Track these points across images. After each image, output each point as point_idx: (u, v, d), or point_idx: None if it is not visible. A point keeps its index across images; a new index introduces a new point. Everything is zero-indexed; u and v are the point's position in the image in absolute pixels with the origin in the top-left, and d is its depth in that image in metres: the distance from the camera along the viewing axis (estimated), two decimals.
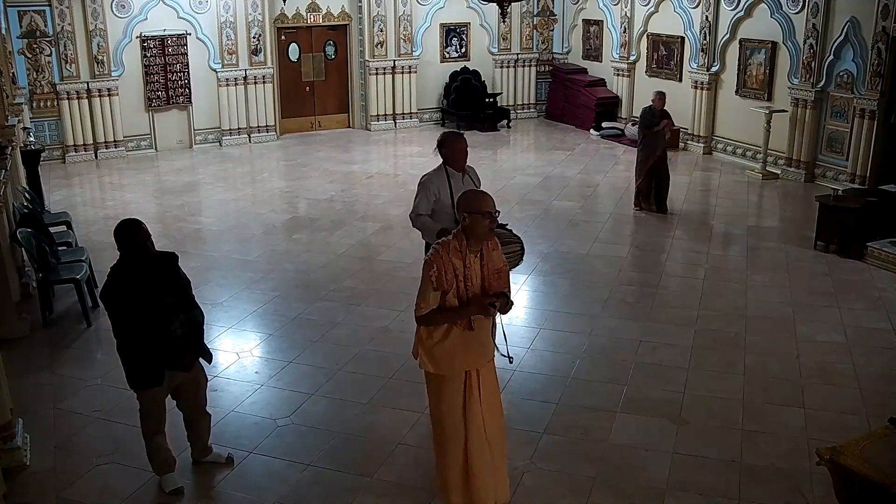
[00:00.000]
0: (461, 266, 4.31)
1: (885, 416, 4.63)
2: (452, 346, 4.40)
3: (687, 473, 5.19)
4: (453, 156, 5.83)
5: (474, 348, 4.47)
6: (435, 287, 4.28)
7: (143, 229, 4.71)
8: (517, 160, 14.69)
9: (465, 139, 5.94)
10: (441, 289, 4.29)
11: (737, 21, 13.33)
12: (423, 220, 5.83)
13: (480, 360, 4.51)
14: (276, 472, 5.23)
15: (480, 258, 4.39)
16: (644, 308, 7.87)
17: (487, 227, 4.29)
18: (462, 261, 4.31)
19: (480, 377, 4.49)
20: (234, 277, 8.70)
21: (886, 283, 8.38)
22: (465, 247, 4.32)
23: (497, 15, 12.83)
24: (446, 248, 4.31)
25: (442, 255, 4.29)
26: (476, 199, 4.33)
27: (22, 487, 5.11)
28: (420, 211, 5.85)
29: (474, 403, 4.46)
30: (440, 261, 4.28)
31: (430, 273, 4.28)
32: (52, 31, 13.42)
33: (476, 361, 4.48)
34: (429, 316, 4.34)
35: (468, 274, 4.34)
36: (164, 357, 4.76)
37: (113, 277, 4.71)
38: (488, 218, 4.27)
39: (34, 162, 10.75)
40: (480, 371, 4.50)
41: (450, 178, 5.81)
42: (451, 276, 4.29)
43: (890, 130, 10.93)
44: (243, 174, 13.83)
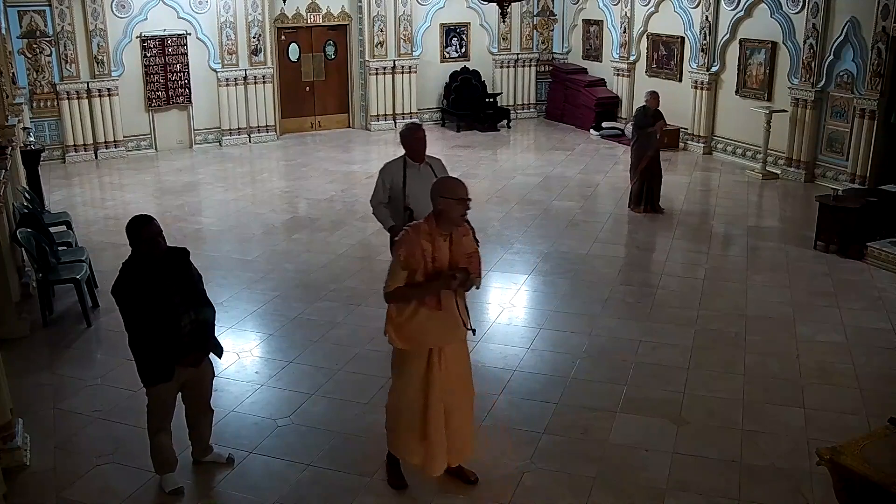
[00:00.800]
0: (430, 248, 4.52)
1: (885, 416, 4.63)
2: (420, 325, 4.59)
3: (687, 473, 5.19)
4: (411, 146, 6.24)
5: (441, 328, 4.65)
6: (403, 266, 4.51)
7: (153, 225, 4.73)
8: (517, 160, 14.69)
9: (424, 130, 6.31)
10: (409, 268, 4.51)
11: (737, 21, 13.34)
12: (380, 211, 6.33)
13: (446, 338, 4.70)
14: (276, 472, 5.23)
15: (450, 242, 4.59)
16: (644, 308, 7.87)
17: (460, 213, 4.51)
18: (431, 243, 4.53)
19: (444, 354, 4.68)
20: (234, 277, 8.70)
21: (886, 283, 8.38)
22: (434, 230, 4.54)
23: (497, 15, 12.83)
24: (416, 231, 4.55)
25: (412, 236, 4.53)
26: (453, 185, 4.57)
27: (22, 487, 5.11)
28: (379, 198, 6.36)
29: (434, 378, 4.66)
30: (409, 241, 4.52)
31: (399, 252, 4.52)
32: (52, 31, 13.42)
33: (441, 340, 4.68)
34: (396, 292, 4.56)
35: (436, 255, 4.54)
36: (173, 353, 4.77)
37: (124, 273, 4.72)
38: (462, 204, 4.50)
39: (34, 162, 10.75)
40: (444, 349, 4.68)
41: (406, 168, 6.22)
42: (418, 255, 4.50)
43: (890, 130, 10.94)
44: (243, 174, 13.83)
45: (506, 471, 5.22)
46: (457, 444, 4.89)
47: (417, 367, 4.68)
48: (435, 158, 6.40)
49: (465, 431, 4.94)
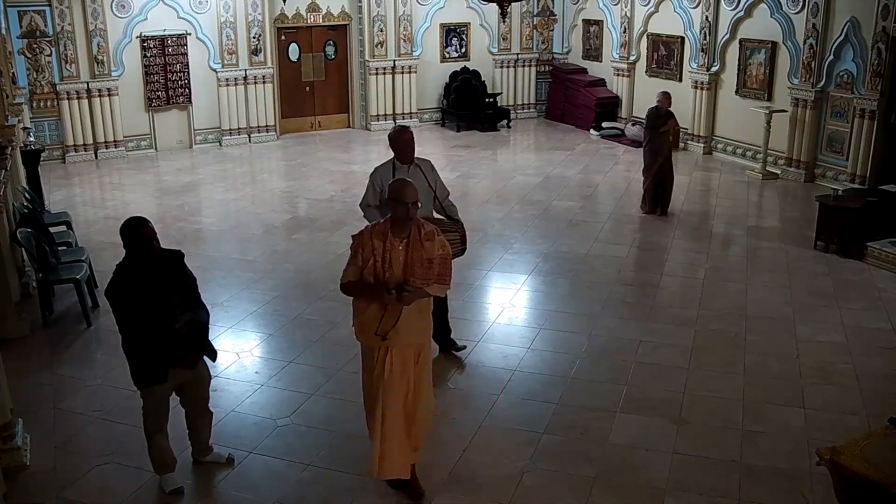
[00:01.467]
0: (380, 247, 4.59)
1: (885, 416, 4.63)
2: (367, 320, 4.68)
3: (687, 473, 5.19)
4: (399, 149, 6.23)
5: (382, 326, 4.62)
6: (353, 263, 4.65)
7: (148, 227, 4.72)
8: (517, 160, 14.70)
9: (411, 132, 6.30)
10: (358, 265, 4.62)
11: (737, 21, 13.33)
12: (371, 214, 6.24)
13: (393, 340, 4.67)
14: (276, 472, 5.23)
15: (407, 245, 4.61)
16: (644, 308, 7.87)
17: (406, 215, 4.57)
18: (382, 242, 4.60)
19: (393, 355, 4.69)
20: (234, 277, 8.70)
21: (886, 283, 8.38)
22: (387, 229, 4.63)
23: (497, 15, 12.83)
24: (371, 229, 4.69)
25: (364, 234, 4.66)
26: (397, 188, 4.63)
27: (22, 487, 5.11)
28: (368, 202, 6.35)
29: (388, 379, 4.69)
30: (361, 239, 4.65)
31: (352, 249, 4.68)
32: (52, 31, 13.42)
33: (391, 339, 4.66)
34: (347, 285, 4.71)
35: (388, 256, 4.59)
36: (167, 355, 4.77)
37: (118, 275, 4.72)
38: (403, 206, 4.56)
39: (34, 162, 10.75)
40: (393, 350, 4.69)
41: (395, 171, 6.17)
42: (367, 253, 4.60)
43: (890, 130, 10.93)
44: (243, 174, 13.83)
45: (506, 471, 5.22)
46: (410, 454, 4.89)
47: (368, 363, 4.81)
48: (424, 160, 6.40)
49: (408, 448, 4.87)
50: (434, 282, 4.68)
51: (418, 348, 4.83)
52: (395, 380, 4.70)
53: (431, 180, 6.33)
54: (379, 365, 4.70)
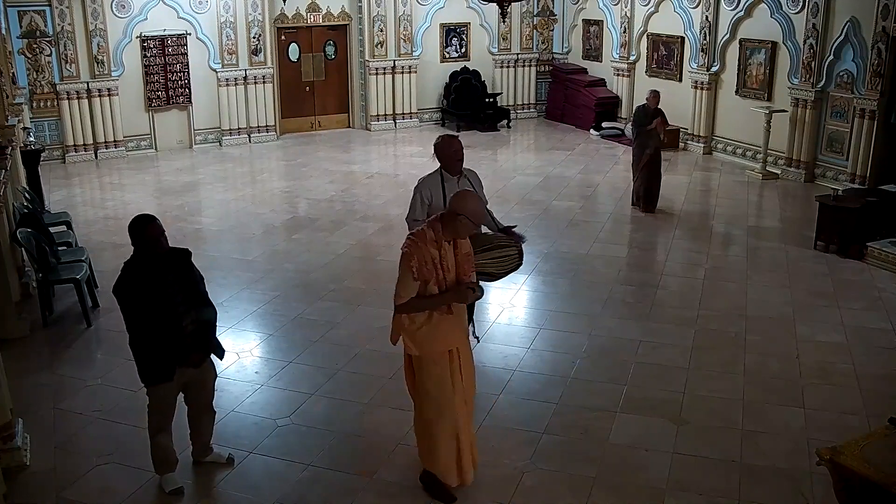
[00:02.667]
0: (437, 255, 4.50)
1: (885, 416, 4.63)
2: (435, 329, 4.59)
3: (687, 473, 5.19)
4: (447, 159, 5.84)
5: (454, 329, 4.67)
6: (415, 277, 4.45)
7: (156, 224, 4.75)
8: (517, 160, 14.70)
9: (460, 141, 5.89)
10: (421, 279, 4.46)
11: (737, 21, 13.33)
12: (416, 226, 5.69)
13: (461, 339, 4.73)
14: (276, 472, 5.23)
15: (453, 245, 4.60)
16: (644, 308, 7.87)
17: (469, 234, 4.57)
18: (438, 250, 4.50)
19: (461, 355, 4.70)
20: (234, 277, 8.70)
21: (886, 283, 8.38)
22: (440, 236, 4.51)
23: (497, 15, 12.84)
24: (423, 239, 4.48)
25: (420, 247, 4.46)
26: (476, 210, 4.50)
27: (22, 487, 5.11)
28: (416, 216, 5.86)
29: (458, 381, 4.68)
30: (419, 252, 4.45)
31: (411, 264, 4.44)
32: (52, 31, 13.42)
33: (457, 340, 4.71)
34: (409, 304, 4.52)
35: (444, 263, 4.52)
36: (174, 353, 4.78)
37: (126, 272, 4.73)
38: (475, 229, 4.58)
39: (34, 162, 10.75)
40: (461, 349, 4.70)
41: (444, 182, 5.83)
42: (430, 266, 4.47)
43: (890, 130, 10.93)
44: (243, 174, 13.82)
45: (506, 471, 5.22)
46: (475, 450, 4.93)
47: (441, 372, 4.63)
48: (470, 170, 6.07)
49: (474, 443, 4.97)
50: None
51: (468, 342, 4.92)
52: (469, 377, 4.76)
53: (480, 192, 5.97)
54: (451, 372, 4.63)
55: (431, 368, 4.65)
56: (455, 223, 4.46)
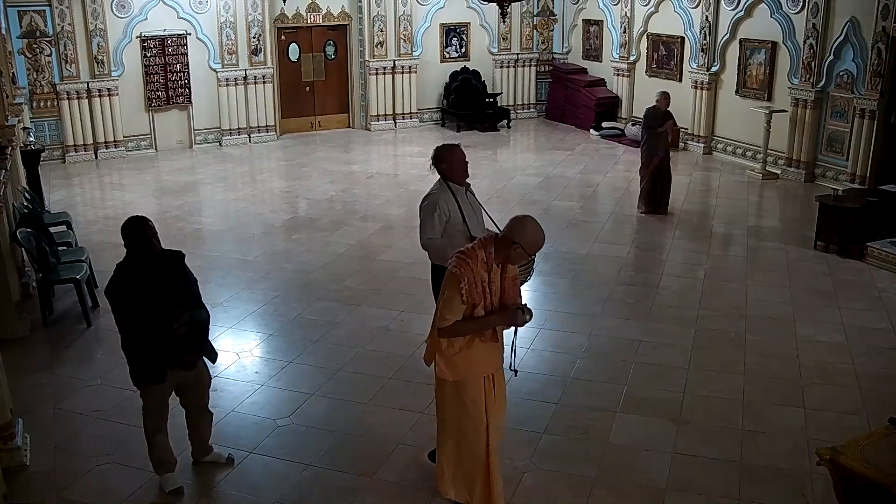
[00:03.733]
0: (486, 278, 4.30)
1: (885, 416, 4.63)
2: (475, 355, 4.42)
3: (687, 473, 5.19)
4: (454, 169, 5.48)
5: (493, 355, 4.54)
6: (464, 300, 4.24)
7: (149, 226, 4.74)
8: (517, 160, 14.70)
9: (462, 149, 5.57)
10: (470, 302, 4.27)
11: (737, 21, 13.33)
12: (437, 245, 5.44)
13: (498, 364, 4.60)
14: (276, 472, 5.23)
15: (502, 269, 4.40)
16: (644, 308, 7.87)
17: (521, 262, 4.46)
18: (488, 273, 4.31)
19: (496, 380, 4.57)
20: (234, 277, 8.70)
21: (886, 283, 8.38)
22: (491, 259, 4.30)
23: (497, 15, 12.84)
24: (474, 259, 4.26)
25: (471, 268, 4.24)
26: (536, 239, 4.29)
27: (22, 487, 5.11)
28: (431, 235, 5.46)
29: (491, 405, 4.53)
30: (470, 274, 4.23)
31: (461, 286, 4.22)
32: (52, 31, 13.42)
33: (494, 366, 4.56)
34: (454, 327, 4.31)
35: (492, 286, 4.34)
36: (166, 355, 4.77)
37: (118, 274, 4.72)
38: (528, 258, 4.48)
39: (34, 162, 10.75)
40: (496, 374, 4.58)
41: (456, 195, 5.46)
42: (479, 289, 4.28)
43: (890, 130, 10.93)
44: (243, 174, 13.82)
45: (506, 471, 5.20)
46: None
47: (475, 396, 4.47)
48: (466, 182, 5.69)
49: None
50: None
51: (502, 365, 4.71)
52: (501, 402, 4.63)
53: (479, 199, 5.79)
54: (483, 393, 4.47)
55: (467, 392, 4.47)
56: (509, 250, 4.24)
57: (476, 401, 4.48)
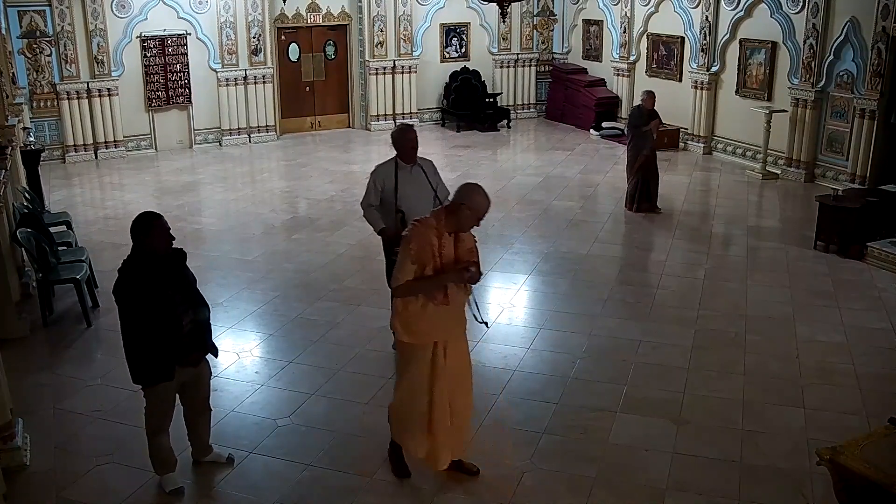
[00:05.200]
0: (437, 243, 4.60)
1: (885, 416, 4.63)
2: (427, 319, 4.67)
3: (687, 473, 5.19)
4: (402, 148, 6.20)
5: (447, 322, 4.75)
6: (413, 260, 4.56)
7: (163, 220, 4.74)
8: (517, 160, 14.70)
9: (414, 131, 6.27)
10: (418, 262, 4.57)
11: (737, 21, 13.33)
12: (371, 214, 6.30)
13: (453, 331, 4.81)
14: (276, 472, 5.23)
15: (455, 238, 4.68)
16: (644, 308, 7.87)
17: (471, 226, 4.64)
18: (439, 238, 4.60)
19: (448, 348, 4.76)
20: (234, 277, 8.69)
21: (886, 283, 8.38)
22: (442, 226, 4.61)
23: (497, 15, 12.83)
24: (425, 225, 4.61)
25: (421, 231, 4.58)
26: (480, 202, 4.59)
27: (22, 487, 5.11)
28: (370, 201, 6.33)
29: (440, 370, 4.75)
30: (419, 237, 4.57)
31: (410, 247, 4.56)
32: (52, 31, 13.42)
33: (448, 333, 4.78)
34: (405, 286, 4.61)
35: (443, 251, 4.62)
36: (175, 352, 4.78)
37: (125, 272, 4.71)
38: (477, 221, 4.63)
39: (34, 162, 10.74)
40: (449, 343, 4.77)
41: (398, 170, 6.21)
42: (428, 252, 4.58)
43: (890, 130, 10.93)
44: (243, 174, 13.83)
45: (506, 471, 5.22)
46: (459, 438, 5.00)
47: (423, 360, 4.75)
48: (426, 160, 6.40)
49: (466, 426, 5.10)
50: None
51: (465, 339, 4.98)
52: (448, 373, 4.79)
53: (433, 181, 6.33)
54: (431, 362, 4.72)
55: (414, 355, 4.78)
56: (458, 213, 4.57)
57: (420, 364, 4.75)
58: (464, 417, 5.03)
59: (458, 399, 4.91)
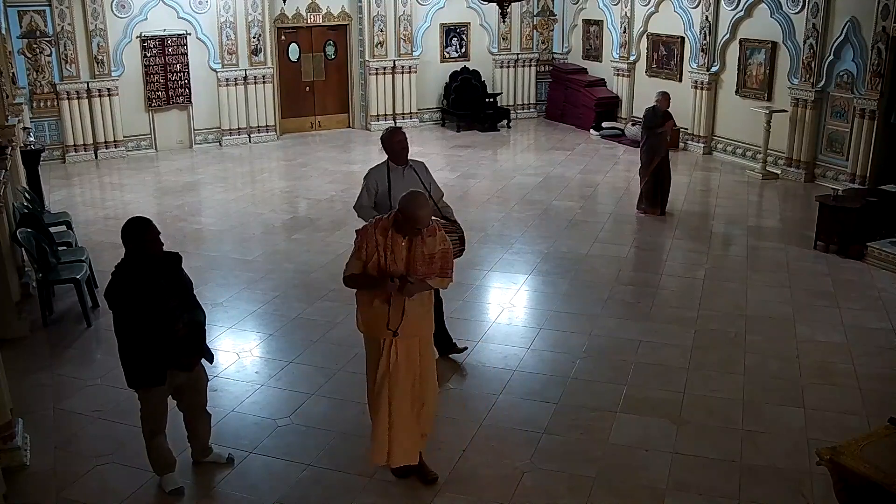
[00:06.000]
0: (384, 241, 4.71)
1: (885, 416, 4.63)
2: (373, 313, 4.80)
3: (687, 473, 5.19)
4: (392, 150, 6.18)
5: (385, 317, 4.76)
6: (358, 256, 4.76)
7: (153, 226, 4.77)
8: (517, 160, 14.69)
9: (404, 133, 6.23)
10: (365, 258, 4.72)
11: (737, 21, 13.33)
12: (366, 213, 6.21)
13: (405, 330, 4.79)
14: (276, 472, 5.23)
15: (410, 241, 4.73)
16: (644, 308, 7.87)
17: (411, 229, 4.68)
18: (385, 238, 4.71)
19: (399, 347, 4.81)
20: (234, 277, 8.69)
21: (886, 283, 8.38)
22: (390, 225, 4.73)
23: (497, 15, 12.84)
24: (376, 223, 4.78)
25: (368, 229, 4.77)
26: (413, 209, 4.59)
27: (22, 487, 5.11)
28: (363, 203, 6.33)
29: (394, 370, 4.82)
30: (365, 233, 4.77)
31: (356, 242, 4.79)
32: (52, 31, 13.41)
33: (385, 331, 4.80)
34: (349, 278, 4.83)
35: (393, 250, 4.70)
36: (166, 356, 4.77)
37: (118, 276, 4.71)
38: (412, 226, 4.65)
39: (34, 162, 10.75)
40: (399, 342, 4.81)
41: (390, 172, 6.17)
42: (371, 248, 4.71)
43: (890, 130, 10.93)
44: (243, 174, 13.82)
45: (506, 471, 5.22)
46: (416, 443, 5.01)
47: (374, 353, 4.91)
48: (418, 161, 6.37)
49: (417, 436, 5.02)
50: (436, 275, 4.83)
51: (423, 339, 4.98)
52: (401, 370, 4.84)
53: (426, 182, 6.28)
54: (385, 357, 4.82)
55: (369, 347, 4.97)
56: (401, 223, 4.69)
57: (373, 360, 4.90)
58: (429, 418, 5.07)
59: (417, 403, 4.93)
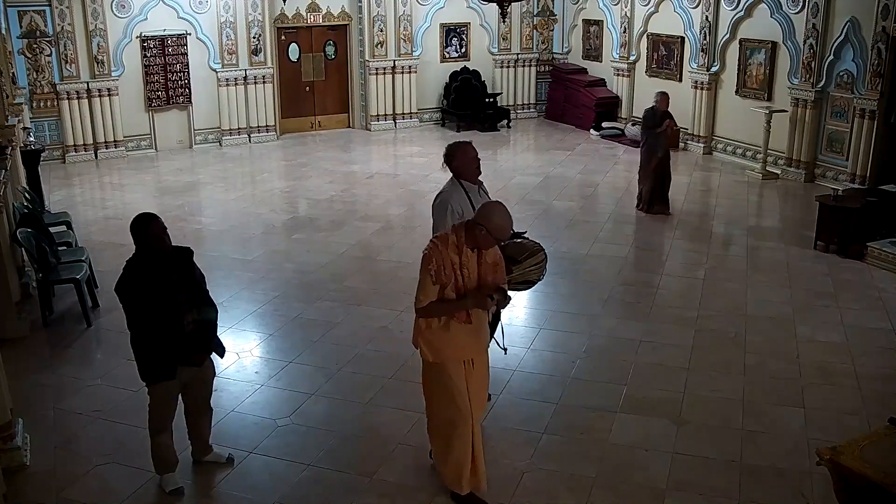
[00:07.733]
0: (458, 260, 4.45)
1: (885, 416, 4.63)
2: (451, 337, 4.57)
3: (687, 473, 5.19)
4: (466, 167, 5.42)
5: (471, 339, 4.63)
6: (434, 281, 4.42)
7: (158, 222, 4.77)
8: (517, 160, 14.69)
9: (474, 147, 5.51)
10: (439, 283, 4.43)
11: (737, 21, 13.33)
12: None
13: (477, 350, 4.70)
14: (276, 472, 5.23)
15: (478, 253, 4.51)
16: (644, 308, 7.87)
17: (489, 246, 4.47)
18: (459, 255, 4.45)
19: (476, 365, 4.69)
20: (234, 277, 8.69)
21: (886, 283, 8.38)
22: (462, 242, 4.46)
23: (497, 15, 12.82)
24: (444, 243, 4.45)
25: (441, 250, 4.42)
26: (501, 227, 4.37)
27: (22, 487, 5.11)
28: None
29: (476, 389, 4.70)
30: (438, 255, 4.41)
31: (430, 267, 4.41)
32: (52, 31, 13.41)
33: (472, 352, 4.67)
34: (428, 308, 4.49)
35: (465, 268, 4.46)
36: (176, 351, 4.78)
37: (128, 271, 4.73)
38: (494, 243, 4.47)
39: (34, 162, 10.75)
40: (475, 361, 4.68)
41: (468, 193, 5.41)
42: (448, 270, 4.43)
43: (890, 130, 10.93)
44: (243, 174, 13.82)
45: (506, 471, 5.22)
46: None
47: (456, 378, 4.60)
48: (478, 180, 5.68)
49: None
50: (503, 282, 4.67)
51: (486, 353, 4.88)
52: (480, 389, 4.73)
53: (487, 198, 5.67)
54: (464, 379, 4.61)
55: (447, 374, 4.61)
56: (475, 233, 4.39)
57: (458, 383, 4.61)
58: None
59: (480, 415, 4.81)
